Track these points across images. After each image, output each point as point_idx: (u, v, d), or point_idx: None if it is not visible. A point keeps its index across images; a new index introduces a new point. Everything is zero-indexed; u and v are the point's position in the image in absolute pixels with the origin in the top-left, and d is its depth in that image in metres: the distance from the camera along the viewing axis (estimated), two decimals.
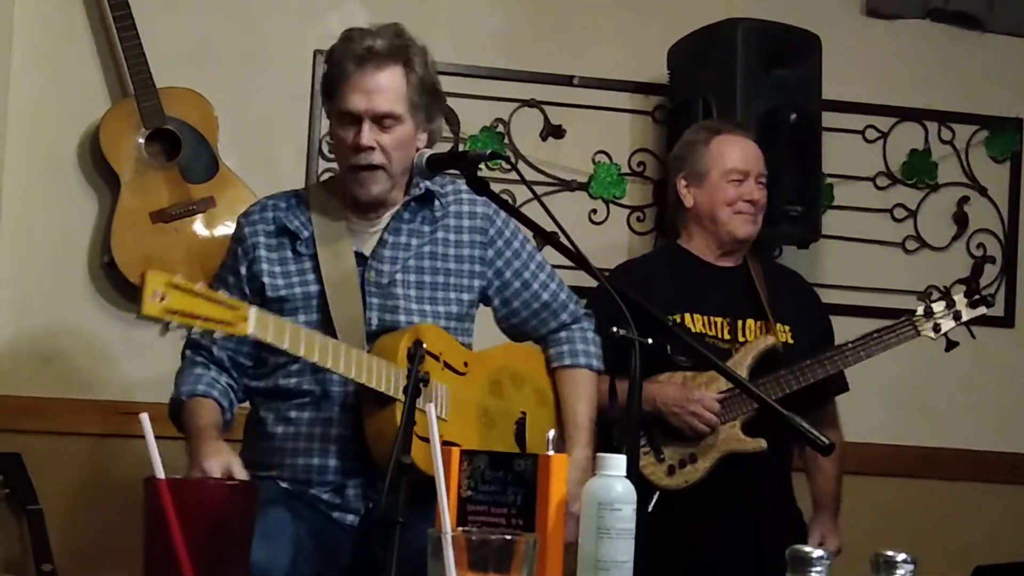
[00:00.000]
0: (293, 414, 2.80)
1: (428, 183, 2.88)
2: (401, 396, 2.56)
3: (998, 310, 4.43)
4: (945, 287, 4.24)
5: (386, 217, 2.87)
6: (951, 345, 3.44)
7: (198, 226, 3.85)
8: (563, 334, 3.02)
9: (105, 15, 3.90)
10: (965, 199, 4.48)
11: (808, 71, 4.03)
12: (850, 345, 3.40)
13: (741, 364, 3.35)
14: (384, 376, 2.65)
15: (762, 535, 3.15)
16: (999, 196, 4.50)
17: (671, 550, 3.11)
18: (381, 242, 2.85)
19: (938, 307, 3.43)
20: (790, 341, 3.45)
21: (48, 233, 3.93)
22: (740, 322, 3.44)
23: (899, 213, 4.44)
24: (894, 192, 4.45)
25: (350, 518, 2.77)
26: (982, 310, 3.44)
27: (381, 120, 2.74)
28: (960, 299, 3.44)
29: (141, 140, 3.82)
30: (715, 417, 3.30)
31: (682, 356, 3.26)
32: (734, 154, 3.50)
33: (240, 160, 3.95)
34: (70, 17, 3.95)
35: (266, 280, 2.82)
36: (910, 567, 1.59)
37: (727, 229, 3.47)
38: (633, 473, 1.87)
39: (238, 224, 2.93)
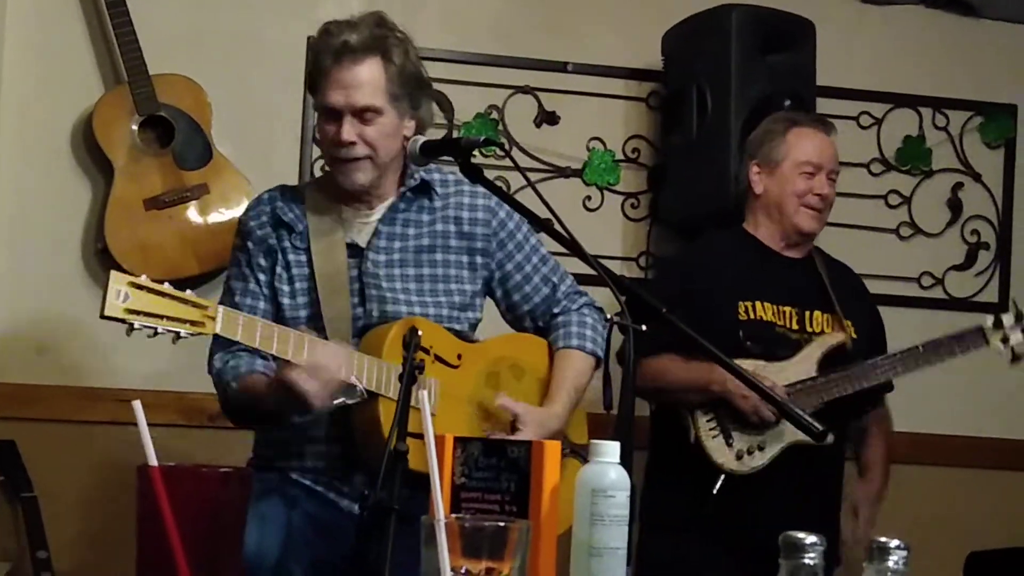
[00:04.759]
0: None
1: (424, 173, 2.86)
2: (382, 391, 2.59)
3: (992, 296, 4.44)
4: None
5: (380, 208, 2.85)
6: (1016, 358, 3.52)
7: (192, 213, 3.85)
8: (560, 319, 2.99)
9: (98, 1, 3.89)
10: (959, 185, 4.48)
11: (802, 57, 4.03)
12: (921, 348, 3.46)
13: (811, 357, 3.38)
14: (365, 371, 2.62)
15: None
16: (993, 182, 4.50)
17: (731, 532, 3.20)
18: (376, 233, 2.82)
19: (1007, 320, 3.52)
20: (854, 336, 3.47)
21: (41, 220, 3.92)
22: (808, 313, 3.45)
23: (893, 199, 4.44)
24: (888, 178, 4.45)
25: (357, 506, 2.75)
26: None
27: (361, 114, 2.72)
28: None
29: (134, 127, 3.82)
30: None
31: (753, 343, 3.34)
32: (809, 147, 3.51)
33: (234, 147, 3.94)
34: (63, 3, 3.94)
35: (279, 270, 2.80)
36: (903, 553, 1.58)
37: (792, 221, 3.49)
38: (627, 460, 1.86)
39: (240, 223, 2.89)
